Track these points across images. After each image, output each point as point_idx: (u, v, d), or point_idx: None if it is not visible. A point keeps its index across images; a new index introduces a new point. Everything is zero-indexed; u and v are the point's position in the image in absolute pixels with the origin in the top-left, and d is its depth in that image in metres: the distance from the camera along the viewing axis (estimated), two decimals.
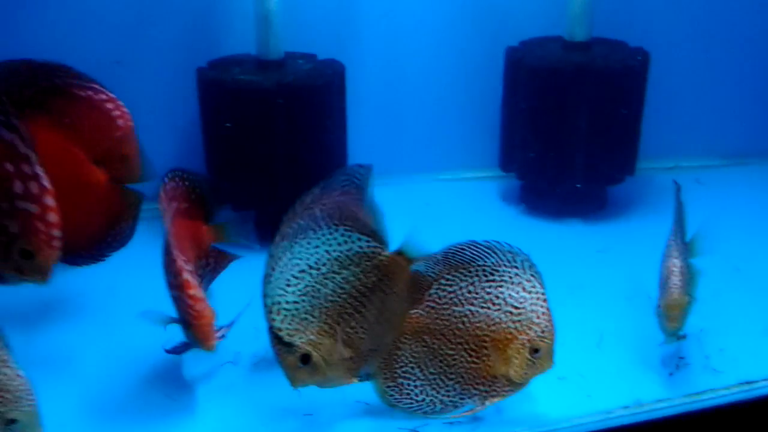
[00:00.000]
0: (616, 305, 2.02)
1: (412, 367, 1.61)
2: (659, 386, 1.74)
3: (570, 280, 2.12)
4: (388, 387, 1.62)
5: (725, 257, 2.15)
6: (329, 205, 1.53)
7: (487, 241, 1.57)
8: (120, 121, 1.77)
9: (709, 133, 2.87)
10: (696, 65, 2.78)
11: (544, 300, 1.55)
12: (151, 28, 2.38)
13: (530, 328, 1.55)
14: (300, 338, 1.49)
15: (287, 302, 1.48)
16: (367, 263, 1.53)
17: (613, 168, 2.47)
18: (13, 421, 1.35)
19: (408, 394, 1.61)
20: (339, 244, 1.51)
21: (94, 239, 1.79)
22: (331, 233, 1.50)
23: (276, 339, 1.49)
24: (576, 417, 1.66)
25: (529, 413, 1.67)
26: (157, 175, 1.81)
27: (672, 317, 1.69)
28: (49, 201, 1.44)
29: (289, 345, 1.49)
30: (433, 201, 2.66)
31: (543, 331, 1.55)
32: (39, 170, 1.43)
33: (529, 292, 1.55)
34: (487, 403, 1.60)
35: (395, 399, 1.62)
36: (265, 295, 1.48)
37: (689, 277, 1.76)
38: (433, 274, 1.60)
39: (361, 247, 1.52)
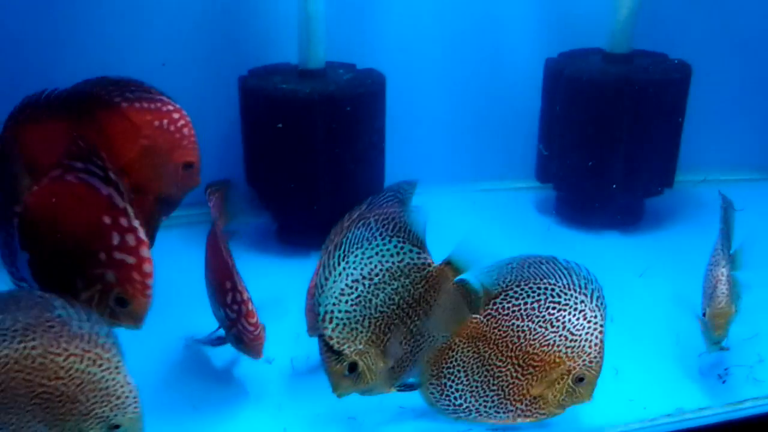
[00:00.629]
0: (655, 315, 2.03)
1: (458, 371, 1.61)
2: (702, 395, 1.75)
3: (607, 290, 2.12)
4: (432, 385, 1.62)
5: (764, 270, 2.14)
6: (383, 215, 1.54)
7: (567, 261, 1.58)
8: (185, 131, 1.84)
9: (746, 146, 2.87)
10: (734, 78, 2.77)
11: (601, 332, 1.55)
12: (193, 37, 2.42)
13: (580, 357, 1.55)
14: (349, 347, 1.51)
15: (340, 311, 1.49)
16: (417, 275, 1.55)
17: (651, 180, 2.48)
18: (117, 427, 1.40)
19: (448, 396, 1.62)
20: (392, 255, 1.52)
21: None
22: (384, 244, 1.51)
23: (326, 347, 1.51)
24: (620, 425, 1.67)
25: (572, 420, 1.68)
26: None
27: (718, 326, 1.70)
28: (145, 253, 1.49)
29: (338, 353, 1.51)
30: (469, 211, 2.67)
31: (591, 362, 1.55)
32: (135, 223, 1.48)
33: (589, 322, 1.55)
34: (518, 421, 1.61)
35: (434, 398, 1.62)
36: (318, 304, 1.50)
37: (734, 287, 1.76)
38: (502, 284, 1.59)
39: (412, 259, 1.54)
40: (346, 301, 1.49)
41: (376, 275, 1.51)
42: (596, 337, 1.55)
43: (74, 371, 1.37)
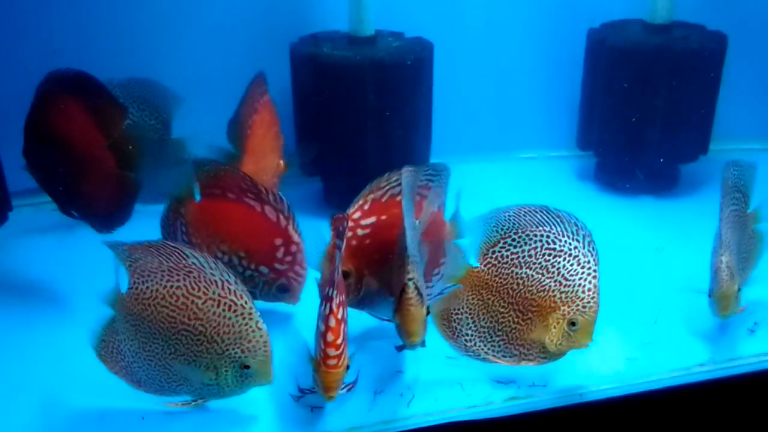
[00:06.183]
0: (687, 274, 2.08)
1: (466, 317, 1.69)
2: (733, 346, 1.84)
3: (641, 250, 2.23)
4: (444, 331, 1.71)
5: None
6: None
7: (557, 210, 1.62)
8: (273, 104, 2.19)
9: None
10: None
11: (595, 277, 1.59)
12: (244, 4, 2.48)
13: (573, 302, 1.59)
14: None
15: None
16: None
17: (687, 147, 2.53)
18: (247, 367, 1.52)
19: (459, 338, 1.70)
20: None
21: (102, 209, 1.96)
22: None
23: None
24: (655, 374, 1.76)
25: (612, 369, 1.77)
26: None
27: (724, 307, 1.75)
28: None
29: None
30: (511, 179, 2.74)
31: (585, 306, 1.59)
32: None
33: (582, 267, 1.59)
34: (522, 364, 1.67)
35: (447, 336, 1.72)
36: None
37: (750, 248, 1.88)
38: (501, 233, 1.66)
39: None
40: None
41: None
42: (590, 282, 1.58)
43: (212, 314, 1.49)
